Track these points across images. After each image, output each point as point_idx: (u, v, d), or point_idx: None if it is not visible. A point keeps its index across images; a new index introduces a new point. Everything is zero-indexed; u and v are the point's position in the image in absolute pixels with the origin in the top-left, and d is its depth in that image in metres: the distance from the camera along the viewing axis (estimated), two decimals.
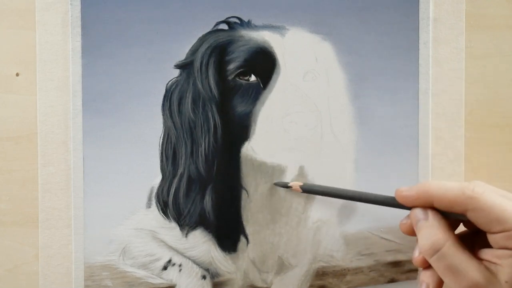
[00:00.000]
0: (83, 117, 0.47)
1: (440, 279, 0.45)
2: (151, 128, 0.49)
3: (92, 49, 0.47)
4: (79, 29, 0.46)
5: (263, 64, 0.51)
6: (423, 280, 0.46)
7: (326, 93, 0.53)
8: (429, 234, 0.44)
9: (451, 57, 0.57)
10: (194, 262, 0.50)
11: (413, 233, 0.46)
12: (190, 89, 0.50)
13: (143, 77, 0.48)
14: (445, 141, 0.57)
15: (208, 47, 0.50)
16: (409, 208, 0.46)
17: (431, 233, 0.44)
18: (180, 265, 0.50)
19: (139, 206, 0.49)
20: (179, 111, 0.49)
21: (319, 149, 0.53)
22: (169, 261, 0.50)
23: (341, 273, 0.54)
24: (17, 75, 0.46)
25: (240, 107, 0.51)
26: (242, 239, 0.51)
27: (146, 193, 0.49)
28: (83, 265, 0.47)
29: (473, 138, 0.58)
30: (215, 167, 0.50)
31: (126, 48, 0.47)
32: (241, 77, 0.51)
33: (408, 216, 0.46)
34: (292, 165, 0.52)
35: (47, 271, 0.47)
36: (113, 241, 0.48)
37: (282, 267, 0.53)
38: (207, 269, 0.51)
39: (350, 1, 0.53)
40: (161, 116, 0.49)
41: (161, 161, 0.49)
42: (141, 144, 0.48)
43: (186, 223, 0.50)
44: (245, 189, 0.51)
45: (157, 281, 0.49)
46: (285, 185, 0.51)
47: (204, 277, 0.50)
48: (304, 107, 0.52)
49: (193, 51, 0.49)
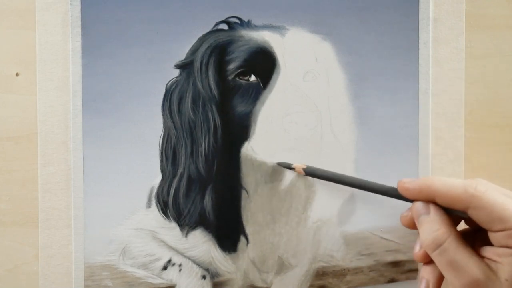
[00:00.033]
0: (83, 117, 0.47)
1: (440, 276, 0.45)
2: (151, 128, 0.49)
3: (92, 49, 0.47)
4: (79, 29, 0.46)
5: (263, 64, 0.51)
6: (423, 276, 0.46)
7: (326, 93, 0.53)
8: (431, 228, 0.44)
9: (451, 57, 0.57)
10: (194, 262, 0.50)
11: (413, 226, 0.46)
12: (190, 89, 0.50)
13: (143, 77, 0.48)
14: (445, 141, 0.57)
15: (208, 47, 0.50)
16: (411, 200, 0.46)
17: (433, 227, 0.44)
18: (180, 265, 0.50)
19: (139, 206, 0.49)
20: (179, 111, 0.49)
21: (319, 149, 0.53)
22: (169, 261, 0.50)
23: (341, 273, 0.54)
24: (17, 75, 0.46)
25: (240, 107, 0.51)
26: (242, 239, 0.51)
27: (146, 193, 0.49)
28: (83, 265, 0.47)
29: (473, 138, 0.58)
30: (215, 167, 0.50)
31: (126, 48, 0.47)
32: (241, 77, 0.51)
33: (409, 209, 0.46)
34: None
35: (47, 271, 0.47)
36: (113, 241, 0.48)
37: (282, 267, 0.53)
38: (207, 269, 0.51)
39: (350, 1, 0.53)
40: (161, 116, 0.49)
41: (161, 161, 0.49)
42: (141, 144, 0.48)
43: (186, 223, 0.50)
44: (245, 189, 0.51)
45: (157, 281, 0.49)
46: (288, 166, 0.51)
47: (204, 277, 0.50)
48: (304, 107, 0.52)
49: (193, 51, 0.49)
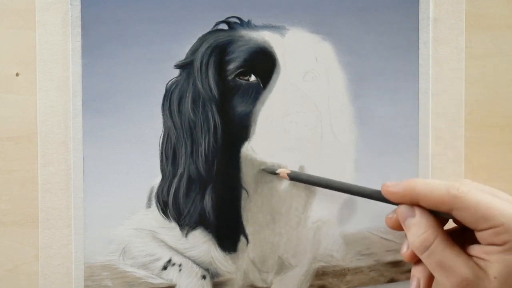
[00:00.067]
0: (83, 117, 0.47)
1: (431, 274, 0.45)
2: (151, 128, 0.49)
3: (92, 49, 0.47)
4: (79, 29, 0.46)
5: (263, 64, 0.51)
6: (414, 275, 0.46)
7: (326, 93, 0.53)
8: (417, 231, 0.44)
9: (451, 57, 0.57)
10: (194, 262, 0.50)
11: (399, 228, 0.46)
12: (190, 89, 0.50)
13: (143, 77, 0.48)
14: (445, 141, 0.57)
15: (208, 47, 0.50)
16: (396, 203, 0.46)
17: (419, 231, 0.44)
18: (180, 265, 0.50)
19: (139, 206, 0.49)
20: (179, 111, 0.49)
21: (319, 149, 0.53)
22: (169, 261, 0.50)
23: (341, 273, 0.54)
24: (17, 75, 0.46)
25: (240, 107, 0.51)
26: (242, 239, 0.51)
27: (146, 193, 0.49)
28: (83, 265, 0.47)
29: (473, 138, 0.58)
30: (215, 167, 0.50)
31: (126, 48, 0.47)
32: (241, 77, 0.51)
33: (395, 211, 0.46)
34: (292, 165, 0.52)
35: (47, 271, 0.47)
36: (113, 241, 0.48)
37: (282, 267, 0.53)
38: (207, 269, 0.51)
39: (350, 1, 0.53)
40: (161, 116, 0.49)
41: (161, 161, 0.49)
42: (141, 144, 0.48)
43: (186, 223, 0.50)
44: (245, 189, 0.51)
45: (157, 281, 0.49)
46: (273, 172, 0.51)
47: (204, 277, 0.50)
48: (304, 107, 0.52)
49: (193, 51, 0.49)
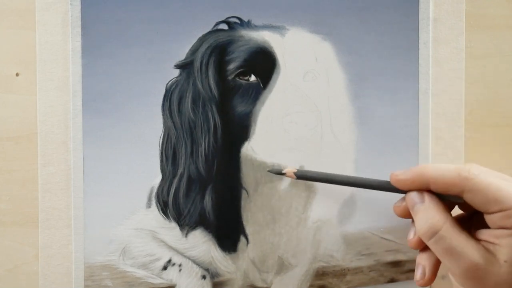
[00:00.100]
0: (83, 117, 0.47)
1: (437, 262, 0.45)
2: (151, 128, 0.49)
3: (92, 49, 0.47)
4: (79, 29, 0.46)
5: (263, 64, 0.51)
6: (419, 263, 0.46)
7: (326, 93, 0.53)
8: (426, 217, 0.44)
9: (451, 57, 0.57)
10: (194, 262, 0.50)
11: (407, 215, 0.46)
12: (190, 89, 0.50)
13: (143, 77, 0.48)
14: (445, 141, 0.57)
15: (208, 47, 0.50)
16: (404, 192, 0.46)
17: (428, 216, 0.44)
18: (180, 265, 0.50)
19: (139, 206, 0.49)
20: (179, 111, 0.49)
21: (319, 149, 0.53)
22: (169, 261, 0.50)
23: (341, 273, 0.54)
24: (17, 75, 0.46)
25: (240, 107, 0.51)
26: (242, 239, 0.51)
27: (146, 193, 0.49)
28: (83, 265, 0.47)
29: (473, 138, 0.58)
30: (215, 167, 0.50)
31: (126, 48, 0.47)
32: (241, 77, 0.51)
33: (403, 199, 0.46)
34: (292, 165, 0.52)
35: (47, 271, 0.47)
36: (113, 241, 0.48)
37: (282, 267, 0.53)
38: (207, 269, 0.51)
39: (350, 1, 0.53)
40: (161, 116, 0.49)
41: (161, 161, 0.49)
42: (141, 144, 0.48)
43: (186, 223, 0.50)
44: (245, 189, 0.51)
45: (157, 281, 0.49)
46: (279, 172, 0.51)
47: (204, 277, 0.50)
48: (304, 107, 0.52)
49: (193, 51, 0.49)
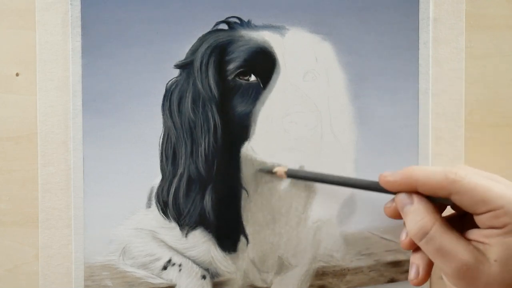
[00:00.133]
0: (83, 117, 0.47)
1: (430, 261, 0.45)
2: (151, 128, 0.49)
3: (92, 49, 0.47)
4: (79, 29, 0.46)
5: (263, 64, 0.51)
6: (413, 262, 0.46)
7: (326, 93, 0.53)
8: (416, 218, 0.44)
9: (451, 57, 0.57)
10: (194, 262, 0.50)
11: (398, 216, 0.46)
12: (190, 89, 0.50)
13: (143, 77, 0.48)
14: (445, 141, 0.57)
15: (208, 47, 0.50)
16: (394, 193, 0.46)
17: (417, 217, 0.44)
18: (180, 265, 0.50)
19: (139, 206, 0.49)
20: (179, 111, 0.49)
21: (319, 149, 0.53)
22: (169, 261, 0.50)
23: (341, 273, 0.54)
24: (17, 75, 0.46)
25: (240, 107, 0.51)
26: (242, 239, 0.51)
27: (146, 193, 0.49)
28: (83, 265, 0.47)
29: (473, 138, 0.58)
30: (215, 167, 0.50)
31: (126, 48, 0.47)
32: (241, 77, 0.51)
33: (393, 200, 0.46)
34: (292, 165, 0.52)
35: (47, 271, 0.47)
36: (113, 241, 0.48)
37: (282, 267, 0.53)
38: (207, 269, 0.51)
39: (350, 1, 0.53)
40: (161, 116, 0.49)
41: (161, 161, 0.49)
42: (141, 144, 0.48)
43: (186, 223, 0.50)
44: (245, 189, 0.51)
45: (157, 281, 0.49)
46: (270, 171, 0.51)
47: (204, 277, 0.50)
48: (304, 107, 0.52)
49: (193, 51, 0.49)
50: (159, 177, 0.49)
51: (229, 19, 0.50)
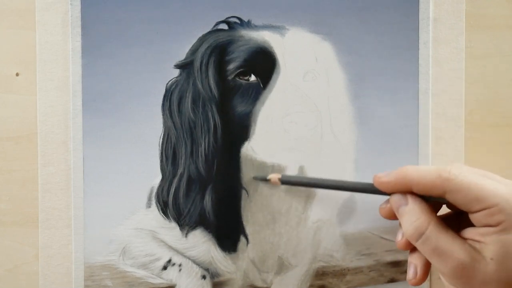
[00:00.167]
0: (83, 117, 0.47)
1: (427, 261, 0.45)
2: (151, 128, 0.49)
3: (92, 49, 0.47)
4: (79, 29, 0.46)
5: (263, 64, 0.51)
6: (411, 262, 0.46)
7: (326, 93, 0.53)
8: (411, 219, 0.44)
9: (451, 57, 0.57)
10: (194, 262, 0.50)
11: (393, 217, 0.46)
12: (190, 89, 0.50)
13: (143, 77, 0.48)
14: (445, 141, 0.57)
15: (208, 47, 0.50)
16: (389, 194, 0.46)
17: (412, 218, 0.44)
18: (180, 265, 0.50)
19: (139, 206, 0.49)
20: (179, 111, 0.49)
21: (319, 149, 0.53)
22: (169, 261, 0.50)
23: (341, 273, 0.54)
24: (17, 75, 0.46)
25: (240, 107, 0.51)
26: (242, 239, 0.51)
27: (146, 193, 0.49)
28: (83, 265, 0.47)
29: (473, 138, 0.58)
30: (215, 167, 0.50)
31: (126, 48, 0.47)
32: (241, 77, 0.51)
33: (388, 201, 0.46)
34: (292, 165, 0.52)
35: (47, 271, 0.47)
36: (113, 241, 0.48)
37: (282, 267, 0.53)
38: (207, 269, 0.51)
39: (350, 1, 0.53)
40: (161, 116, 0.49)
41: (161, 161, 0.49)
42: (141, 144, 0.48)
43: (186, 223, 0.50)
44: (245, 189, 0.51)
45: (157, 281, 0.49)
46: (264, 178, 0.51)
47: (204, 277, 0.50)
48: (304, 107, 0.52)
49: (193, 51, 0.49)
50: (159, 177, 0.49)
51: (229, 19, 0.50)
